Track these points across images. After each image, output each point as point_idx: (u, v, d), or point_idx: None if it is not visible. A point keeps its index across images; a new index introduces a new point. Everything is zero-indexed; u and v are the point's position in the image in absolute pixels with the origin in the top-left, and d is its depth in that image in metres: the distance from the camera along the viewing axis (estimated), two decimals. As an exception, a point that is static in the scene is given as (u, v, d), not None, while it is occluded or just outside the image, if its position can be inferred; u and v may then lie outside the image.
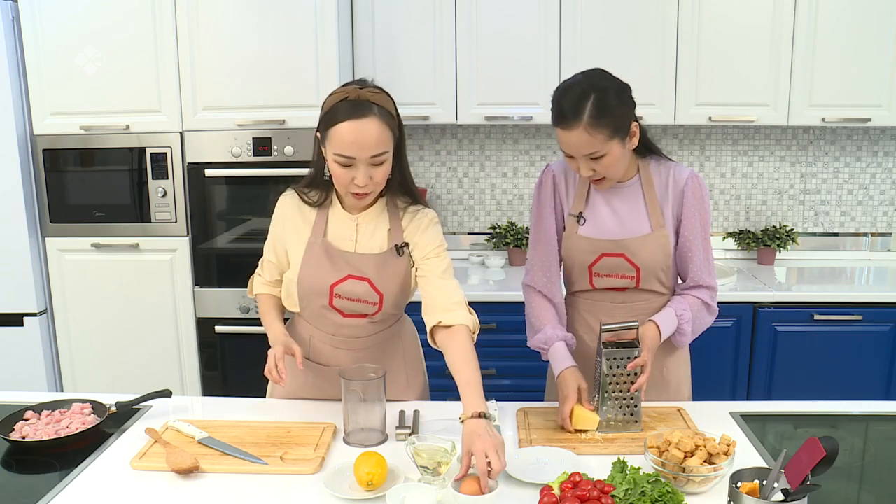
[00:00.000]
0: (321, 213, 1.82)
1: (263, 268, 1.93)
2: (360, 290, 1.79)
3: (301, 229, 1.83)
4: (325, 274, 1.79)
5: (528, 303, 1.99)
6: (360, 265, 1.79)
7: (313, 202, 1.82)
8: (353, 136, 1.63)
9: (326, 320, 1.84)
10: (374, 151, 1.65)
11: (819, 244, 3.59)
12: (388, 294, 1.81)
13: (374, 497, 1.43)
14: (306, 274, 1.80)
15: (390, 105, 1.71)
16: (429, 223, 1.83)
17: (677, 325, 1.85)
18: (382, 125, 1.66)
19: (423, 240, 1.82)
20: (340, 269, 1.79)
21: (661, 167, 1.88)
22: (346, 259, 1.79)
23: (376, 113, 1.65)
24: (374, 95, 1.67)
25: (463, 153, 3.58)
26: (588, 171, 1.76)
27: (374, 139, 1.64)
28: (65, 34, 2.87)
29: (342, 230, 1.81)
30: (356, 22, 3.12)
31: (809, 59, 3.07)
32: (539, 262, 1.96)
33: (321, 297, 1.80)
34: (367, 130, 1.64)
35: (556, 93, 1.75)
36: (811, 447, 1.20)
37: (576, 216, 1.90)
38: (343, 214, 1.82)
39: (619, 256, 1.86)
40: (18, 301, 3.02)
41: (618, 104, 1.71)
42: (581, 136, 1.69)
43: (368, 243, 1.81)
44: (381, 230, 1.82)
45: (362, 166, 1.66)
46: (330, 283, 1.78)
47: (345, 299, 1.80)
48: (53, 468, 1.59)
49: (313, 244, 1.80)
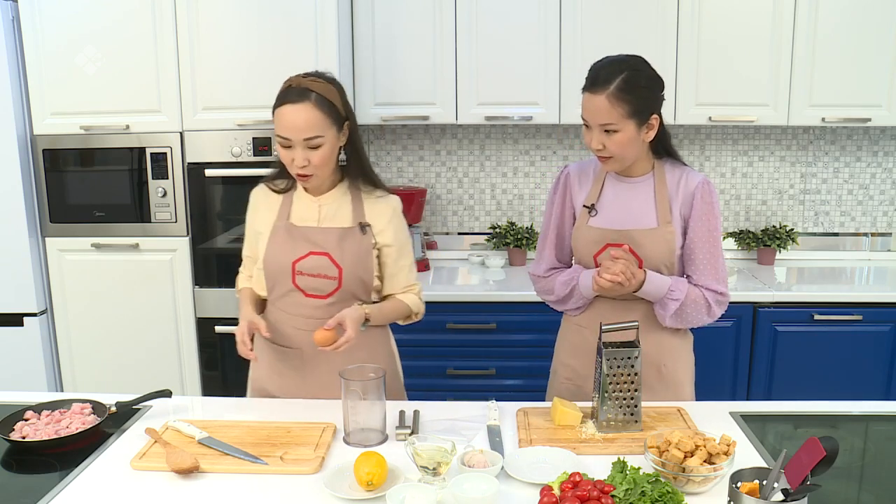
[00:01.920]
0: (286, 198, 1.96)
1: (244, 264, 2.06)
2: (321, 265, 1.89)
3: (269, 217, 1.95)
4: (288, 252, 1.90)
5: (538, 282, 2.10)
6: (320, 240, 1.90)
7: (279, 189, 1.96)
8: (288, 119, 1.79)
9: (290, 301, 1.93)
10: (307, 134, 1.79)
11: (819, 244, 3.59)
12: (346, 268, 1.90)
13: (374, 497, 1.43)
14: (270, 254, 1.92)
15: (332, 94, 1.83)
16: (393, 212, 1.96)
17: (664, 295, 1.88)
18: (317, 111, 1.79)
19: (390, 232, 1.95)
20: (302, 247, 1.90)
21: (676, 169, 1.95)
22: (308, 235, 1.90)
23: (312, 99, 1.80)
24: (314, 84, 1.82)
25: (463, 153, 3.58)
26: (599, 144, 1.83)
27: (306, 123, 1.78)
28: (65, 34, 2.87)
29: (305, 211, 1.93)
30: (356, 22, 3.12)
31: (809, 59, 3.07)
32: (548, 254, 2.06)
33: (285, 276, 1.91)
34: (300, 114, 1.78)
35: (596, 62, 1.86)
36: (811, 447, 1.20)
37: (588, 207, 1.96)
38: (306, 197, 1.94)
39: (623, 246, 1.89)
40: (18, 301, 3.02)
41: (646, 88, 1.81)
42: (603, 103, 1.78)
43: (332, 220, 1.93)
44: (345, 209, 1.93)
45: (299, 148, 1.80)
46: (292, 261, 1.90)
47: (306, 275, 1.89)
48: (53, 468, 1.59)
49: (278, 227, 1.93)
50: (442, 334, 3.03)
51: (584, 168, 2.03)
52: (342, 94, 1.87)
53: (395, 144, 3.57)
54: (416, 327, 3.05)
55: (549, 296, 2.07)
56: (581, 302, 2.00)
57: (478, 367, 3.06)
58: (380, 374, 1.69)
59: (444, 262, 3.55)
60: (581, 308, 2.01)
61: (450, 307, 3.02)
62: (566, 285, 2.00)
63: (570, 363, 2.05)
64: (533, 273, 2.11)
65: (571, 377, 2.05)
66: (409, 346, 3.04)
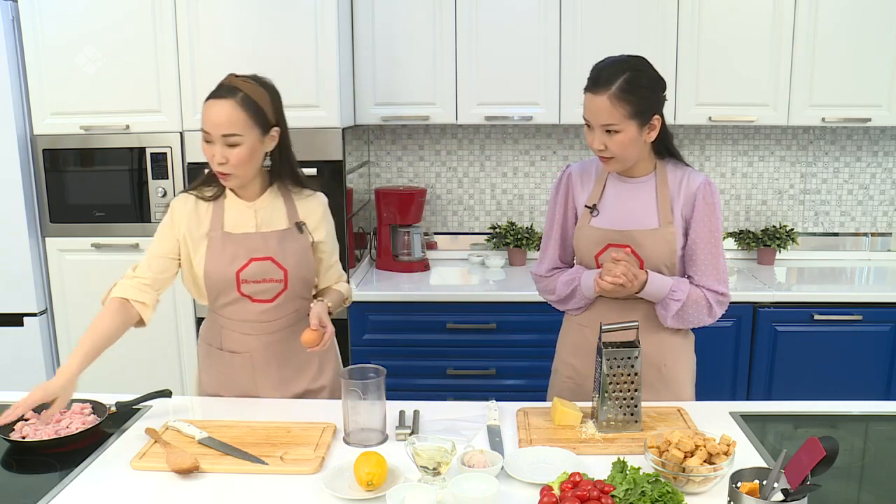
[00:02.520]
0: (216, 206, 1.92)
1: (141, 265, 1.92)
2: (265, 269, 1.89)
3: (199, 227, 1.91)
4: (228, 263, 1.88)
5: (540, 282, 2.10)
6: (260, 246, 1.90)
7: (208, 197, 1.93)
8: (209, 113, 1.80)
9: (236, 309, 1.92)
10: (225, 131, 1.78)
11: (819, 244, 3.59)
12: (291, 269, 1.91)
13: (374, 497, 1.43)
14: (211, 267, 1.89)
15: (261, 97, 1.83)
16: (324, 209, 2.01)
17: (666, 295, 1.89)
18: (239, 110, 1.79)
19: (323, 228, 2.00)
20: (242, 255, 1.89)
21: (678, 170, 1.94)
22: (247, 243, 1.89)
23: (237, 98, 1.79)
24: (244, 83, 1.83)
25: (463, 153, 3.58)
26: (600, 144, 1.83)
27: (227, 119, 1.78)
28: (65, 34, 2.87)
29: (240, 218, 1.92)
30: (356, 22, 3.12)
31: (809, 59, 3.07)
32: (551, 254, 2.07)
33: (228, 286, 1.89)
34: (220, 110, 1.78)
35: (598, 62, 1.86)
36: (811, 447, 1.20)
37: (590, 208, 1.97)
38: (239, 203, 1.92)
39: (625, 247, 1.89)
40: (18, 301, 3.02)
41: (647, 89, 1.82)
42: (604, 103, 1.78)
43: (269, 224, 1.93)
44: (280, 211, 1.94)
45: (218, 144, 1.80)
46: (235, 271, 1.88)
47: (251, 283, 1.89)
48: (53, 468, 1.59)
49: (214, 237, 1.90)
50: (442, 334, 3.03)
51: (585, 168, 2.03)
52: (274, 99, 1.87)
53: (395, 144, 3.57)
54: (417, 327, 3.08)
55: (550, 295, 2.07)
56: (583, 302, 2.00)
57: (478, 367, 3.06)
58: (380, 373, 1.69)
59: (444, 263, 3.55)
60: (582, 308, 2.01)
61: (450, 307, 3.02)
62: (568, 285, 2.00)
63: (572, 362, 2.05)
64: (535, 273, 2.11)
65: (572, 376, 2.05)
66: (410, 346, 3.06)
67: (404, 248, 3.37)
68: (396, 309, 3.03)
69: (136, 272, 1.92)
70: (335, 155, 2.92)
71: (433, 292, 3.06)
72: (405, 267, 3.35)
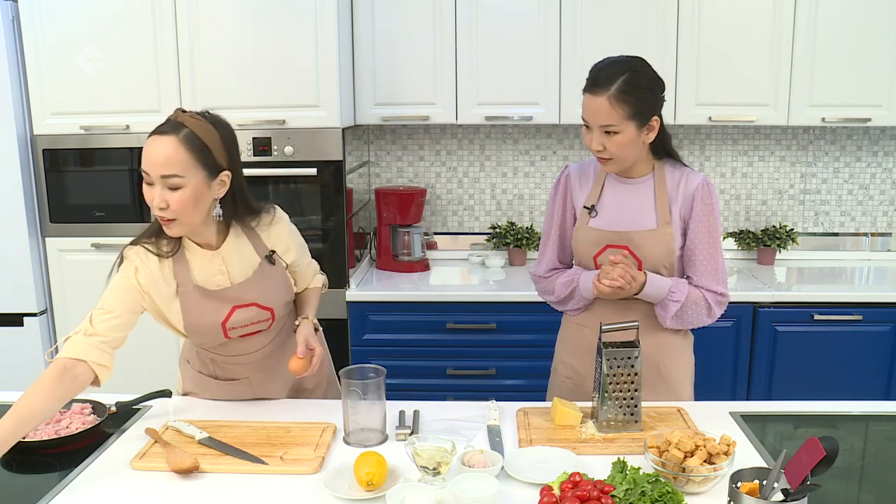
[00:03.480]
0: (178, 261, 1.75)
1: (101, 321, 1.69)
2: (250, 315, 1.81)
3: (164, 284, 1.75)
4: (210, 316, 1.77)
5: (539, 282, 2.10)
6: (239, 294, 1.79)
7: (165, 253, 1.75)
8: (148, 150, 1.62)
9: (227, 348, 1.87)
10: (164, 171, 1.60)
11: (819, 244, 3.59)
12: (276, 305, 1.85)
13: (374, 497, 1.43)
14: (192, 322, 1.77)
15: (211, 137, 1.64)
16: (288, 228, 1.89)
17: (665, 296, 1.88)
18: (181, 149, 1.60)
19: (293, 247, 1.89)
20: (223, 307, 1.77)
21: (676, 170, 1.94)
22: (224, 296, 1.78)
23: (180, 135, 1.61)
24: (192, 121, 1.64)
25: (463, 153, 3.58)
26: (599, 145, 1.83)
27: (165, 158, 1.59)
28: (65, 34, 2.87)
29: (209, 268, 1.77)
30: (356, 22, 3.12)
31: (809, 59, 3.07)
32: (550, 254, 2.06)
33: (215, 335, 1.81)
34: (161, 148, 1.60)
35: (596, 63, 1.86)
36: (811, 447, 1.20)
37: (588, 208, 1.96)
38: (203, 253, 1.77)
39: (623, 248, 1.90)
40: (18, 301, 3.02)
41: (646, 90, 1.81)
42: (603, 104, 1.78)
43: (241, 269, 1.80)
44: (247, 251, 1.82)
45: (158, 186, 1.62)
46: (220, 322, 1.78)
47: (238, 328, 1.81)
48: (53, 468, 1.59)
49: (186, 293, 1.75)
50: (442, 334, 3.03)
51: (584, 168, 2.03)
52: (227, 140, 1.68)
53: (395, 144, 3.57)
54: (417, 327, 3.08)
55: (549, 296, 2.07)
56: (581, 303, 2.00)
57: (478, 367, 3.06)
58: (380, 373, 1.69)
59: (444, 263, 3.55)
60: (581, 308, 2.01)
61: (450, 307, 3.02)
62: (566, 286, 2.00)
63: (570, 362, 2.06)
64: (534, 273, 2.11)
65: (571, 376, 2.05)
66: (410, 346, 3.06)
67: (404, 248, 3.37)
68: (396, 309, 3.03)
69: (95, 328, 1.68)
70: (335, 155, 2.92)
71: (433, 292, 3.06)
72: (405, 267, 3.35)
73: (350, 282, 3.05)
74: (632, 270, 1.83)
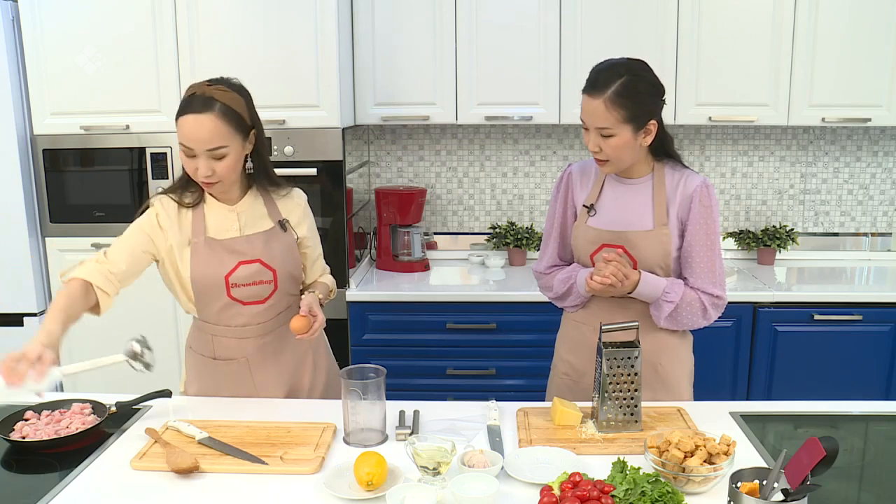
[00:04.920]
0: (196, 213, 1.88)
1: (114, 253, 1.84)
2: (254, 272, 1.88)
3: (181, 233, 1.87)
4: (216, 267, 1.85)
5: (540, 278, 2.11)
6: (247, 249, 1.88)
7: (188, 203, 1.88)
8: (190, 130, 1.74)
9: (228, 314, 1.90)
10: (210, 145, 1.75)
11: (819, 244, 3.59)
12: (280, 269, 1.91)
13: (374, 497, 1.43)
14: (198, 273, 1.86)
15: (238, 103, 1.79)
16: (304, 205, 2.01)
17: (659, 296, 1.89)
18: (221, 121, 1.75)
19: (305, 224, 2.00)
20: (230, 260, 1.86)
21: (676, 172, 1.94)
22: (233, 247, 1.87)
23: (216, 109, 1.75)
24: (218, 93, 1.77)
25: (463, 153, 3.58)
26: (595, 146, 1.84)
27: (209, 134, 1.74)
28: (65, 34, 2.87)
29: (223, 223, 1.89)
30: (356, 22, 3.12)
31: (809, 59, 3.07)
32: (551, 251, 2.08)
33: (218, 291, 1.87)
34: (203, 125, 1.74)
35: (597, 64, 1.86)
36: (811, 447, 1.20)
37: (587, 207, 1.97)
38: (221, 207, 1.90)
39: (618, 248, 1.90)
40: (18, 301, 3.02)
41: (644, 94, 1.81)
42: (599, 107, 1.79)
43: (253, 227, 1.91)
44: (261, 212, 1.93)
45: (202, 158, 1.76)
46: (224, 275, 1.86)
47: (241, 286, 1.87)
48: (53, 468, 1.59)
49: (197, 244, 1.86)
50: (442, 334, 3.03)
51: (585, 168, 2.03)
52: (248, 101, 1.84)
53: (395, 144, 3.57)
54: (417, 327, 3.08)
55: (549, 292, 2.09)
56: (579, 299, 2.00)
57: (478, 367, 3.06)
58: (380, 373, 1.69)
59: (444, 262, 3.55)
60: (578, 305, 2.02)
61: (450, 307, 3.02)
62: (564, 283, 2.01)
63: (568, 359, 2.06)
64: (535, 269, 2.13)
65: (569, 373, 2.06)
66: (410, 346, 3.06)
67: (404, 248, 3.37)
68: (396, 309, 3.03)
69: (108, 257, 1.83)
70: (335, 155, 2.92)
71: (433, 292, 3.06)
72: (405, 267, 3.35)
73: (350, 282, 3.05)
74: (625, 269, 1.83)
